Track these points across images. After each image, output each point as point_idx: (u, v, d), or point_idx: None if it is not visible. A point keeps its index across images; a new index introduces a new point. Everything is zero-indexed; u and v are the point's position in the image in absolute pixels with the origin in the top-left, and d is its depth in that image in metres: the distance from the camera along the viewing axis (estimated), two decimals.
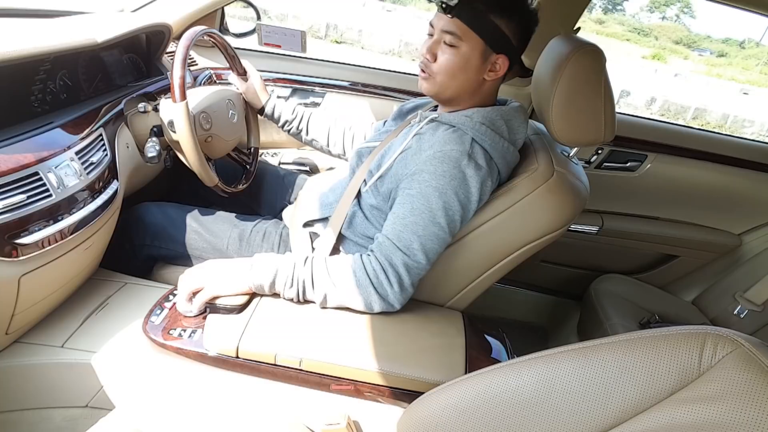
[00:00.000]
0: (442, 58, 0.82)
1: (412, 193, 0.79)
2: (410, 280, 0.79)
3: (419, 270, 0.80)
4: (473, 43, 0.80)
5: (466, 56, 0.81)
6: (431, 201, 0.77)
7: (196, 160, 0.91)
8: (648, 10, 39.14)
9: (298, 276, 0.78)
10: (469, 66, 0.81)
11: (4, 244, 0.66)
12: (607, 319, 1.39)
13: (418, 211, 0.78)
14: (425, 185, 0.78)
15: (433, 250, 0.79)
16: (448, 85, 0.84)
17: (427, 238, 0.78)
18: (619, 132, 1.37)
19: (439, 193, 0.77)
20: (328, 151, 1.22)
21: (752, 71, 20.33)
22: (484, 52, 0.81)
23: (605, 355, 0.46)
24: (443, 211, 0.78)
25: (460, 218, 0.80)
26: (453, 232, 0.81)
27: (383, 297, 0.78)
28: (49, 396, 0.83)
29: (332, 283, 0.77)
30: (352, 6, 10.81)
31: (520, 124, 0.86)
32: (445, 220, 0.78)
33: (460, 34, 0.79)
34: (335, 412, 0.74)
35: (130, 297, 0.93)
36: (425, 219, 0.78)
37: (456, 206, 0.79)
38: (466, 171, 0.78)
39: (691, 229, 1.64)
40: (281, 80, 1.53)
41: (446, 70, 0.82)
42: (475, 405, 0.54)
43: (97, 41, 0.89)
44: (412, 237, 0.78)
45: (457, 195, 0.78)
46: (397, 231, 0.79)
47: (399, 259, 0.78)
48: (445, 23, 0.80)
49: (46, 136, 0.76)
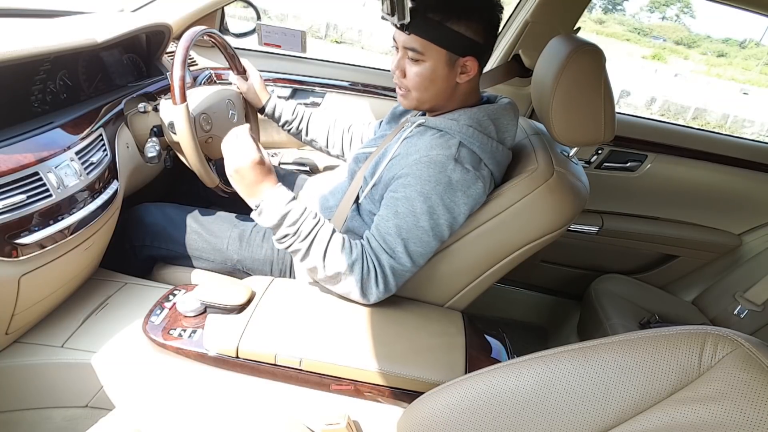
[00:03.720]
0: (411, 73, 0.81)
1: (397, 197, 0.79)
2: (395, 282, 0.80)
3: (404, 272, 0.80)
4: (436, 54, 0.78)
5: (433, 68, 0.79)
6: (415, 205, 0.77)
7: (196, 161, 0.91)
8: (648, 10, 39.15)
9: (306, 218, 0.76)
10: (437, 76, 0.80)
11: (4, 244, 0.66)
12: (607, 319, 1.39)
13: (402, 215, 0.78)
14: (410, 189, 0.78)
15: (418, 253, 0.79)
16: (423, 99, 0.84)
17: (411, 242, 0.78)
18: (619, 132, 1.37)
19: (424, 197, 0.77)
20: (327, 152, 1.22)
21: (752, 71, 20.33)
22: (449, 60, 0.79)
23: (605, 355, 0.46)
24: (427, 216, 0.78)
25: (447, 222, 0.80)
26: (440, 236, 0.81)
27: (364, 293, 0.79)
28: (49, 396, 0.83)
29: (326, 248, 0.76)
30: (352, 6, 10.80)
31: (509, 121, 0.86)
32: (429, 224, 0.78)
33: (421, 49, 0.78)
34: (335, 412, 0.74)
35: (130, 297, 0.93)
36: (409, 223, 0.78)
37: (441, 210, 0.78)
38: (452, 176, 0.78)
39: (691, 229, 1.64)
40: (281, 80, 1.53)
41: (417, 85, 0.82)
42: (475, 405, 0.55)
43: (97, 41, 0.89)
44: (396, 240, 0.78)
45: (443, 200, 0.78)
46: (381, 233, 0.79)
47: (386, 261, 0.78)
48: (405, 39, 0.79)
49: (46, 136, 0.76)
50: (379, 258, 0.78)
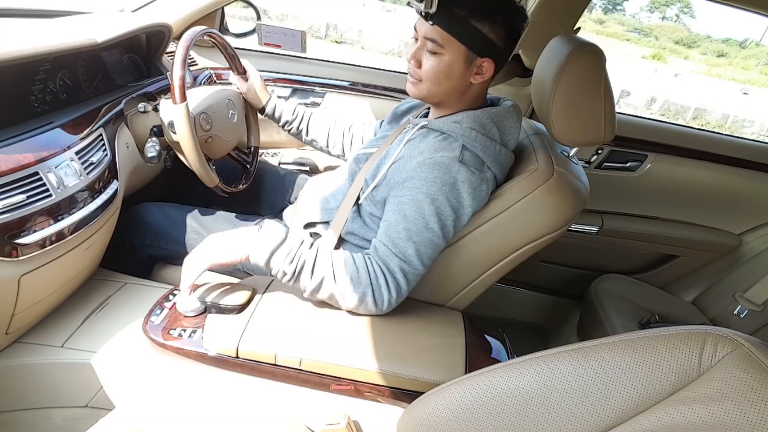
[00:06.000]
0: (427, 64, 0.81)
1: (404, 200, 0.79)
2: (407, 285, 0.79)
3: (416, 275, 0.80)
4: (455, 49, 0.78)
5: (450, 63, 0.79)
6: (423, 207, 0.77)
7: (196, 160, 0.91)
8: (648, 10, 39.15)
9: (301, 254, 0.75)
10: (453, 72, 0.80)
11: (4, 244, 0.66)
12: (607, 319, 1.39)
13: (411, 218, 0.78)
14: (416, 192, 0.78)
15: (427, 255, 0.79)
16: (434, 91, 0.83)
17: (421, 244, 0.78)
18: (619, 132, 1.37)
19: (431, 199, 0.77)
20: (328, 152, 1.22)
21: (752, 71, 20.33)
22: (467, 57, 0.79)
23: (605, 355, 0.46)
24: (436, 217, 0.78)
25: (453, 223, 0.80)
26: (447, 237, 0.81)
27: (377, 300, 0.77)
28: (49, 396, 0.83)
29: (332, 272, 0.76)
30: (352, 6, 10.80)
31: (512, 124, 0.86)
32: (438, 226, 0.78)
33: (442, 41, 0.77)
34: (335, 412, 0.74)
35: (130, 297, 0.93)
36: (419, 225, 0.77)
37: (448, 211, 0.78)
38: (457, 177, 0.78)
39: (691, 229, 1.64)
40: (281, 80, 1.53)
41: (431, 77, 0.81)
42: (475, 405, 0.55)
43: (97, 41, 0.89)
44: (407, 244, 0.78)
45: (449, 200, 0.78)
46: (391, 238, 0.78)
47: (396, 265, 0.77)
48: (427, 30, 0.78)
49: (46, 136, 0.76)
50: (388, 263, 0.77)
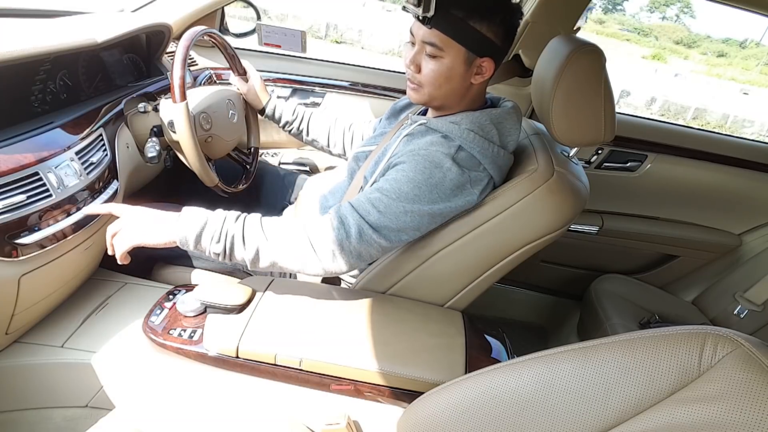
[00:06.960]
0: (427, 68, 0.80)
1: (387, 178, 0.78)
2: (359, 246, 0.74)
3: (370, 240, 0.75)
4: (455, 51, 0.77)
5: (450, 65, 0.79)
6: (402, 188, 0.75)
7: (196, 160, 0.91)
8: (648, 10, 39.16)
9: (227, 230, 0.72)
10: (453, 74, 0.80)
11: (4, 244, 0.66)
12: (607, 319, 1.39)
13: (385, 191, 0.76)
14: (401, 174, 0.77)
15: (388, 229, 0.75)
16: (435, 95, 0.83)
17: (386, 216, 0.75)
18: (619, 132, 1.37)
19: (414, 185, 0.76)
20: (329, 151, 1.22)
21: (752, 71, 20.32)
22: (467, 58, 0.78)
23: (605, 355, 0.46)
24: (411, 201, 0.75)
25: (429, 215, 0.77)
26: (417, 226, 0.78)
27: (319, 253, 0.73)
28: (49, 396, 0.83)
29: (265, 237, 0.73)
30: (352, 6, 10.80)
31: (512, 125, 0.85)
32: (411, 207, 0.75)
33: (441, 45, 0.77)
34: (335, 412, 0.74)
35: (130, 297, 0.93)
36: (390, 199, 0.75)
37: (425, 200, 0.76)
38: (447, 173, 0.77)
39: (691, 229, 1.64)
40: (281, 80, 1.53)
41: (432, 81, 0.81)
42: (475, 405, 0.55)
43: (97, 41, 0.89)
44: (370, 208, 0.75)
45: (431, 192, 0.76)
46: (359, 200, 0.76)
47: (353, 221, 0.74)
48: (425, 34, 0.77)
49: (46, 136, 0.76)
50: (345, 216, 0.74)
